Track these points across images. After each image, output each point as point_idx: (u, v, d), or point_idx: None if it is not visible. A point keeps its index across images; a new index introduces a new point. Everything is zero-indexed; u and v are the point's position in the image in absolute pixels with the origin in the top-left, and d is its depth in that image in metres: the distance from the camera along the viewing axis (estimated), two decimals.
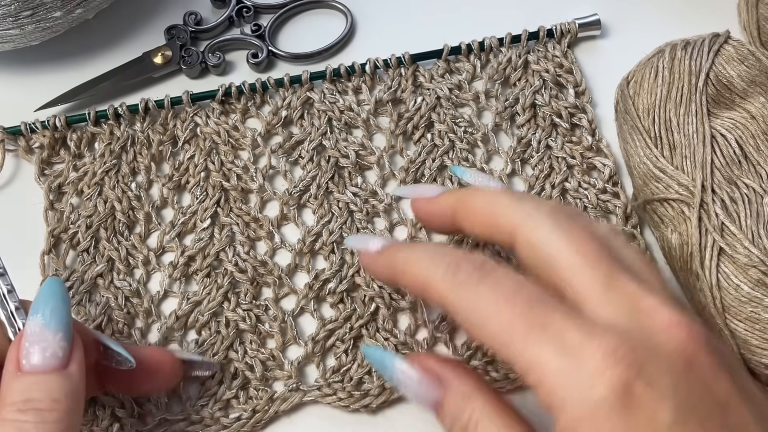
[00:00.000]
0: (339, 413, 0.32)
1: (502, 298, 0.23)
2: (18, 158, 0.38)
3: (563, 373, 0.21)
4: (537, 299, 0.23)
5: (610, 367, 0.21)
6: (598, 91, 0.39)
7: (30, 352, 0.24)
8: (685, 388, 0.21)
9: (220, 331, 0.33)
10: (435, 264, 0.25)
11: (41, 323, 0.24)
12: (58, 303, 0.25)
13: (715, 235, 0.32)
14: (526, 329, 0.22)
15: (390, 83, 0.38)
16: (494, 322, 0.23)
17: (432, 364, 0.26)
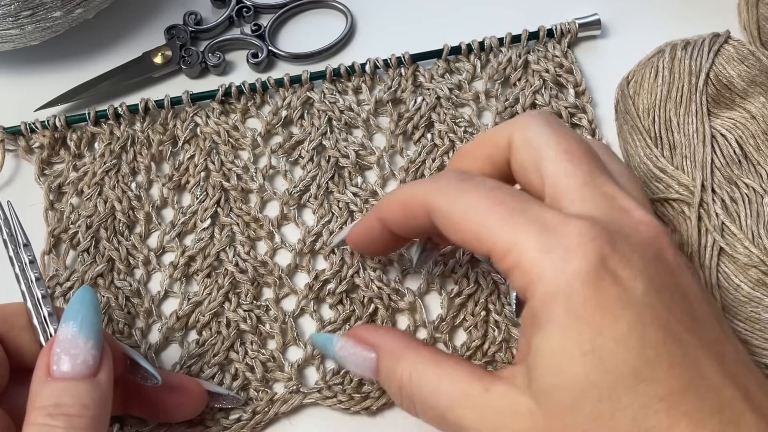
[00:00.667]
0: (339, 415, 0.32)
1: (483, 192, 0.24)
2: (18, 158, 0.38)
3: (541, 249, 0.22)
4: (516, 193, 0.24)
5: (586, 242, 0.22)
6: (598, 91, 0.39)
7: (61, 358, 0.24)
8: (654, 271, 0.22)
9: (221, 331, 0.33)
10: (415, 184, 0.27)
11: (73, 330, 0.24)
12: (90, 312, 0.25)
13: (715, 234, 0.32)
14: (505, 213, 0.23)
15: (390, 83, 0.38)
16: (475, 211, 0.24)
17: (363, 333, 0.28)
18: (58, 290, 0.34)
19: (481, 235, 0.24)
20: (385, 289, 0.34)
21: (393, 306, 0.34)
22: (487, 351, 0.33)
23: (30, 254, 0.27)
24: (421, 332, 0.34)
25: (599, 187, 0.24)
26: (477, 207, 0.24)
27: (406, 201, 0.27)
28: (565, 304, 0.22)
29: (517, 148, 0.26)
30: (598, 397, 0.21)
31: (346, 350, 0.27)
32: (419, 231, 0.28)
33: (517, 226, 0.23)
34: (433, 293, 0.35)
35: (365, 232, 0.30)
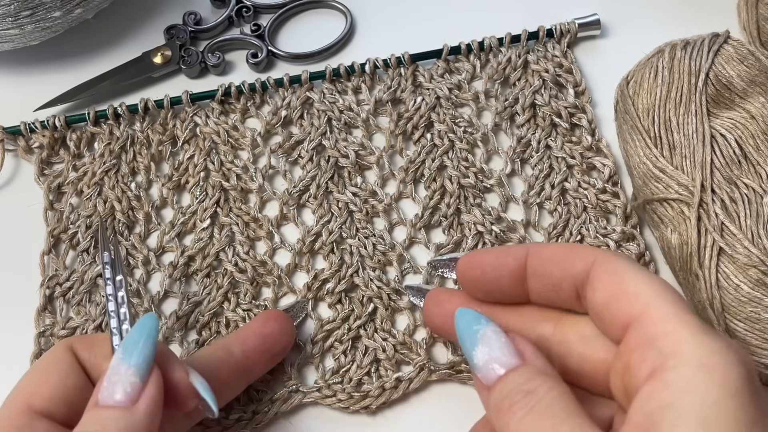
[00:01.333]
0: (338, 414, 0.32)
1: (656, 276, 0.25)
2: (18, 158, 0.38)
3: (702, 332, 0.22)
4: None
5: (739, 351, 0.22)
6: (597, 91, 0.39)
7: (104, 386, 0.24)
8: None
9: (221, 331, 0.34)
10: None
11: (119, 358, 0.25)
12: (142, 340, 0.25)
13: (715, 235, 0.32)
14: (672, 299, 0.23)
15: (390, 83, 0.38)
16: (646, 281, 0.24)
17: (520, 339, 0.26)
18: (58, 290, 0.34)
19: (641, 297, 0.23)
20: (384, 289, 0.34)
21: (392, 305, 0.34)
22: None
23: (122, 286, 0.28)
24: (420, 332, 0.34)
25: (708, 330, 0.23)
26: (650, 279, 0.24)
27: (572, 246, 0.27)
28: (721, 379, 0.21)
29: (600, 273, 0.25)
30: None
31: (499, 336, 0.25)
32: (555, 281, 0.27)
33: (680, 307, 0.23)
34: None
35: (500, 258, 0.28)
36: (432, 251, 0.35)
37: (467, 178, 0.36)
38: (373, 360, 0.33)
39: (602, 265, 0.25)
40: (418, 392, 0.33)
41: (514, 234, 0.35)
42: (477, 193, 0.36)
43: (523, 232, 0.35)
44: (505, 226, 0.35)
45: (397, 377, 0.32)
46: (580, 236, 0.35)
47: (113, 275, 0.28)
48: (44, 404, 0.25)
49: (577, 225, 0.35)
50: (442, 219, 0.36)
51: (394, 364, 0.33)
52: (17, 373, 0.32)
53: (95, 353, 0.27)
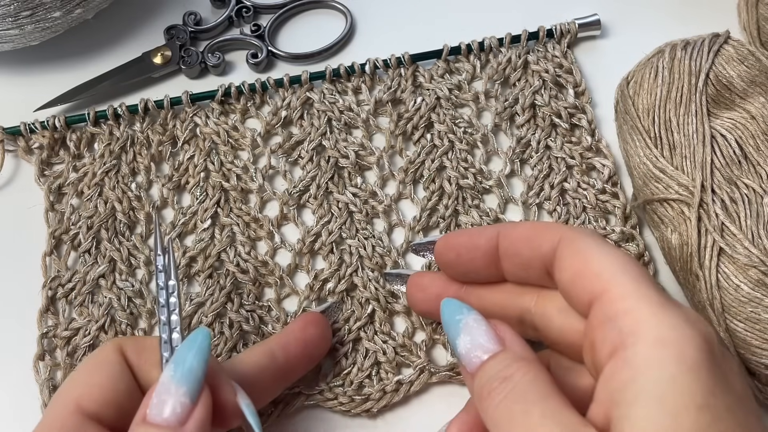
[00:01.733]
0: (339, 417, 0.32)
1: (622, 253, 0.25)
2: (18, 159, 0.38)
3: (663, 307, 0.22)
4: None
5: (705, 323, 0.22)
6: (597, 91, 0.39)
7: (153, 402, 0.24)
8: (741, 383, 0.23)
9: (224, 332, 0.34)
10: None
11: (170, 375, 0.24)
12: (194, 357, 0.25)
13: (715, 235, 0.32)
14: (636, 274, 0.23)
15: (390, 83, 0.38)
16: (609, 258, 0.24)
17: (500, 326, 0.27)
18: (60, 291, 0.34)
19: (603, 275, 0.24)
20: (381, 291, 0.34)
21: (390, 308, 0.34)
22: None
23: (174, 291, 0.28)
24: (420, 334, 0.34)
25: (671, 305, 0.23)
26: (614, 256, 0.24)
27: (537, 226, 0.27)
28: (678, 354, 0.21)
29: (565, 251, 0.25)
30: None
31: (480, 324, 0.26)
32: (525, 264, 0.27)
33: (643, 283, 0.23)
34: None
35: (470, 238, 0.29)
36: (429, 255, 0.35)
37: (466, 179, 0.36)
38: (373, 363, 0.33)
39: (567, 244, 0.26)
40: (418, 394, 0.33)
41: None
42: (475, 194, 0.36)
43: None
44: None
45: (398, 380, 0.32)
46: None
47: (166, 280, 0.28)
48: (94, 407, 0.25)
49: (576, 225, 0.35)
50: (440, 220, 0.36)
51: (394, 367, 0.33)
52: (20, 374, 0.32)
53: (144, 358, 0.27)
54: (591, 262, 0.24)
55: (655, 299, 0.23)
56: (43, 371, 0.33)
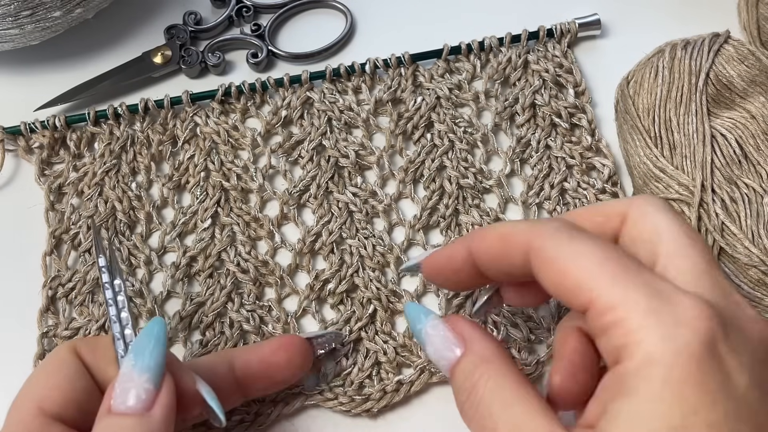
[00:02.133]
0: (340, 417, 0.32)
1: (597, 244, 0.23)
2: (18, 158, 0.38)
3: (650, 313, 0.21)
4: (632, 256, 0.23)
5: (700, 319, 0.21)
6: (598, 91, 0.39)
7: (116, 393, 0.24)
8: (761, 371, 0.21)
9: (225, 332, 0.34)
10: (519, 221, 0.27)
11: (131, 364, 0.25)
12: (152, 345, 0.25)
13: (715, 234, 0.32)
14: (618, 270, 0.22)
15: (390, 83, 0.38)
16: (585, 260, 0.23)
17: (458, 323, 0.27)
18: (60, 291, 0.34)
19: (584, 285, 0.23)
20: (383, 290, 0.34)
21: (391, 307, 0.34)
22: None
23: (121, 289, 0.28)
24: None
25: (716, 278, 0.23)
26: (588, 255, 0.23)
27: (505, 235, 0.26)
28: (665, 373, 0.20)
29: (633, 221, 0.25)
30: None
31: (437, 331, 0.27)
32: (506, 271, 0.26)
33: (628, 284, 0.22)
34: (430, 294, 0.35)
35: (448, 259, 0.28)
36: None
37: (466, 178, 0.36)
38: (374, 363, 0.33)
39: (536, 255, 0.24)
40: (419, 394, 0.33)
41: None
42: (476, 194, 0.36)
43: None
44: None
45: (398, 380, 0.32)
46: None
47: (111, 279, 0.28)
48: (56, 408, 0.25)
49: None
50: (440, 220, 0.36)
51: (395, 367, 0.33)
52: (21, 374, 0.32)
53: (99, 356, 0.27)
54: (567, 273, 0.23)
55: (642, 304, 0.21)
56: None
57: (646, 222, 0.25)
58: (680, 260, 0.23)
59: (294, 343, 0.30)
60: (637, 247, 0.25)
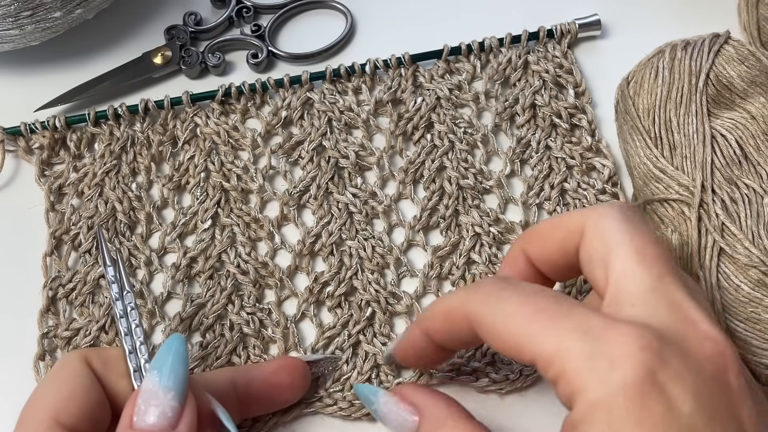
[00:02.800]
0: (340, 422, 0.32)
1: (523, 298, 0.24)
2: (18, 159, 0.38)
3: (585, 358, 0.21)
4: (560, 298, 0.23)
5: (634, 352, 0.21)
6: (598, 92, 0.39)
7: (141, 410, 0.24)
8: (708, 392, 0.21)
9: (224, 334, 0.33)
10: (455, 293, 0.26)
11: (156, 381, 0.24)
12: (176, 361, 0.25)
13: (715, 235, 0.32)
14: (547, 321, 0.22)
15: (390, 83, 0.38)
16: (516, 320, 0.23)
17: (408, 393, 0.28)
18: (61, 292, 0.34)
19: (524, 345, 0.23)
20: (382, 293, 0.34)
21: (390, 309, 0.34)
22: (487, 352, 0.33)
23: (131, 301, 0.28)
24: None
25: (667, 295, 0.23)
26: (518, 315, 0.23)
27: (447, 312, 0.26)
28: (606, 417, 0.20)
29: (588, 239, 0.25)
30: None
31: (389, 407, 0.28)
32: (464, 342, 0.27)
33: (559, 333, 0.22)
34: (429, 296, 0.35)
35: (411, 345, 0.29)
36: (429, 254, 0.35)
37: (466, 179, 0.36)
38: (373, 366, 0.33)
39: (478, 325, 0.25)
40: None
41: (512, 235, 0.35)
42: (476, 194, 0.36)
43: (521, 233, 0.35)
44: (503, 228, 0.35)
45: (398, 383, 0.32)
46: None
47: (121, 291, 0.28)
48: (72, 420, 0.25)
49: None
50: (440, 220, 0.36)
51: (394, 370, 0.33)
52: (20, 375, 0.32)
53: (110, 369, 0.27)
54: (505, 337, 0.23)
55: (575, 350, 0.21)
56: (44, 371, 0.32)
57: (599, 239, 0.24)
58: (628, 281, 0.23)
59: (297, 366, 0.31)
60: (593, 265, 0.25)
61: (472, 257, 0.35)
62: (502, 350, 0.24)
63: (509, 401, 0.32)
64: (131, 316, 0.28)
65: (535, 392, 0.32)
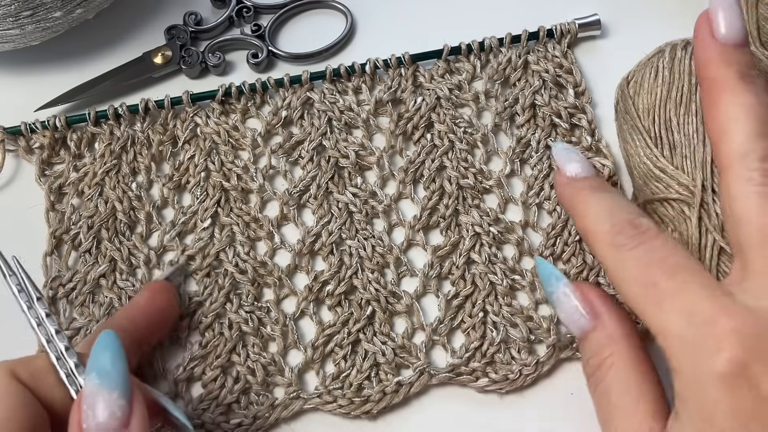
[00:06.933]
0: (339, 420, 0.32)
1: (649, 262, 0.24)
2: (18, 158, 0.38)
3: (683, 340, 0.22)
4: (683, 267, 0.24)
5: (731, 344, 0.22)
6: (597, 92, 0.39)
7: (89, 415, 0.23)
8: None
9: (224, 333, 0.33)
10: (603, 219, 0.27)
11: (96, 383, 0.23)
12: (113, 358, 0.24)
13: (716, 234, 0.31)
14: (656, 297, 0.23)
15: (390, 83, 0.38)
16: (634, 285, 0.24)
17: (592, 296, 0.28)
18: (61, 291, 0.34)
19: (637, 308, 0.24)
20: (382, 292, 0.34)
21: (390, 308, 0.34)
22: (486, 352, 0.33)
23: (44, 307, 0.27)
24: (419, 335, 0.34)
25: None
26: (634, 284, 0.24)
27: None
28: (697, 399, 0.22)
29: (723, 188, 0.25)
30: None
31: (569, 299, 0.27)
32: None
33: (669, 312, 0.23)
34: (429, 295, 0.34)
35: None
36: (429, 253, 0.35)
37: (466, 179, 0.36)
38: (372, 364, 0.33)
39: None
40: (418, 396, 0.32)
41: (512, 235, 0.35)
42: (476, 194, 0.36)
43: (521, 233, 0.35)
44: (503, 227, 0.35)
45: (398, 381, 0.32)
46: (578, 237, 0.35)
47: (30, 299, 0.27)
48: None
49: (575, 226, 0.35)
50: (440, 220, 0.35)
51: (393, 368, 0.33)
52: None
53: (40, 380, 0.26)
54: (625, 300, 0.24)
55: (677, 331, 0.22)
56: None
57: (731, 200, 0.25)
58: (752, 255, 0.23)
59: (162, 285, 0.31)
60: (728, 224, 0.25)
61: (471, 257, 0.34)
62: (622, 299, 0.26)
63: (508, 401, 0.32)
64: (48, 322, 0.26)
65: (535, 393, 0.32)
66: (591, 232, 0.27)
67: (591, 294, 0.28)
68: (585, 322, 0.27)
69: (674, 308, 0.23)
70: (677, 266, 0.24)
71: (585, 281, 0.32)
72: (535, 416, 0.32)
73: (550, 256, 0.34)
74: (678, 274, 0.24)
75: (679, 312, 0.23)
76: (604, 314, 0.27)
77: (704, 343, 0.22)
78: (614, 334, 0.26)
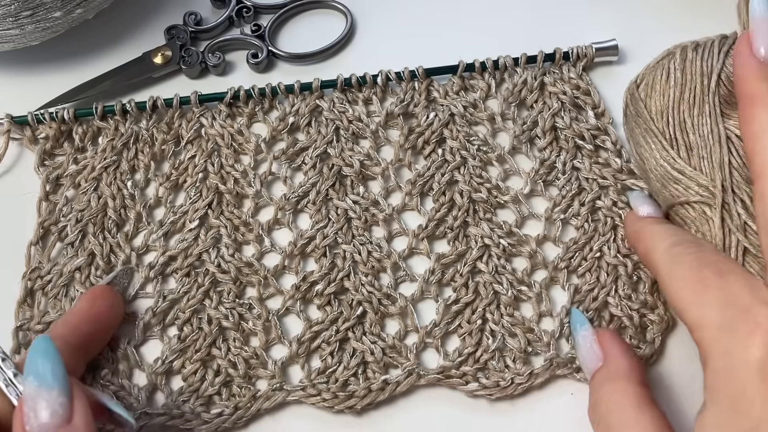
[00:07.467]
0: (323, 414, 0.31)
1: (701, 264, 0.26)
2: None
3: (719, 329, 0.23)
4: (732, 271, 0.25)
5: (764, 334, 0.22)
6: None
7: (31, 416, 0.23)
8: None
9: (203, 327, 0.32)
10: (665, 238, 0.29)
11: (34, 385, 0.23)
12: (49, 360, 0.24)
13: (739, 235, 0.30)
14: (699, 290, 0.25)
15: (402, 96, 0.37)
16: (682, 282, 0.26)
17: (604, 338, 0.30)
18: (39, 283, 0.33)
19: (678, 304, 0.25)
20: (375, 294, 0.32)
21: (383, 310, 0.32)
22: (480, 358, 0.32)
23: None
24: (411, 337, 0.32)
25: None
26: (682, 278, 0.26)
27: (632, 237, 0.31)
28: (728, 387, 0.22)
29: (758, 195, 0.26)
30: None
31: (586, 342, 0.30)
32: None
33: (704, 304, 0.24)
34: (428, 301, 0.33)
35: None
36: (432, 261, 0.33)
37: (479, 192, 0.35)
38: (360, 362, 0.31)
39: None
40: (405, 395, 0.31)
41: (525, 247, 0.34)
42: (488, 207, 0.35)
43: (534, 246, 0.33)
44: (515, 240, 0.34)
45: (384, 379, 0.31)
46: (600, 253, 0.33)
47: None
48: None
49: (599, 242, 0.34)
50: (447, 230, 0.34)
51: (382, 367, 0.31)
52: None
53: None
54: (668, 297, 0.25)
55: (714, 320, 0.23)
56: None
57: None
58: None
59: (104, 290, 0.31)
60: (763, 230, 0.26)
61: (478, 266, 0.33)
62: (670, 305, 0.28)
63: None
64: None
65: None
66: (651, 249, 0.29)
67: (604, 337, 0.29)
68: (595, 363, 0.29)
69: (714, 299, 0.24)
70: (727, 269, 0.25)
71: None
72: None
73: (566, 269, 0.33)
74: (726, 275, 0.24)
75: (718, 302, 0.24)
76: (609, 355, 0.29)
77: (739, 328, 0.22)
78: (613, 372, 0.28)
